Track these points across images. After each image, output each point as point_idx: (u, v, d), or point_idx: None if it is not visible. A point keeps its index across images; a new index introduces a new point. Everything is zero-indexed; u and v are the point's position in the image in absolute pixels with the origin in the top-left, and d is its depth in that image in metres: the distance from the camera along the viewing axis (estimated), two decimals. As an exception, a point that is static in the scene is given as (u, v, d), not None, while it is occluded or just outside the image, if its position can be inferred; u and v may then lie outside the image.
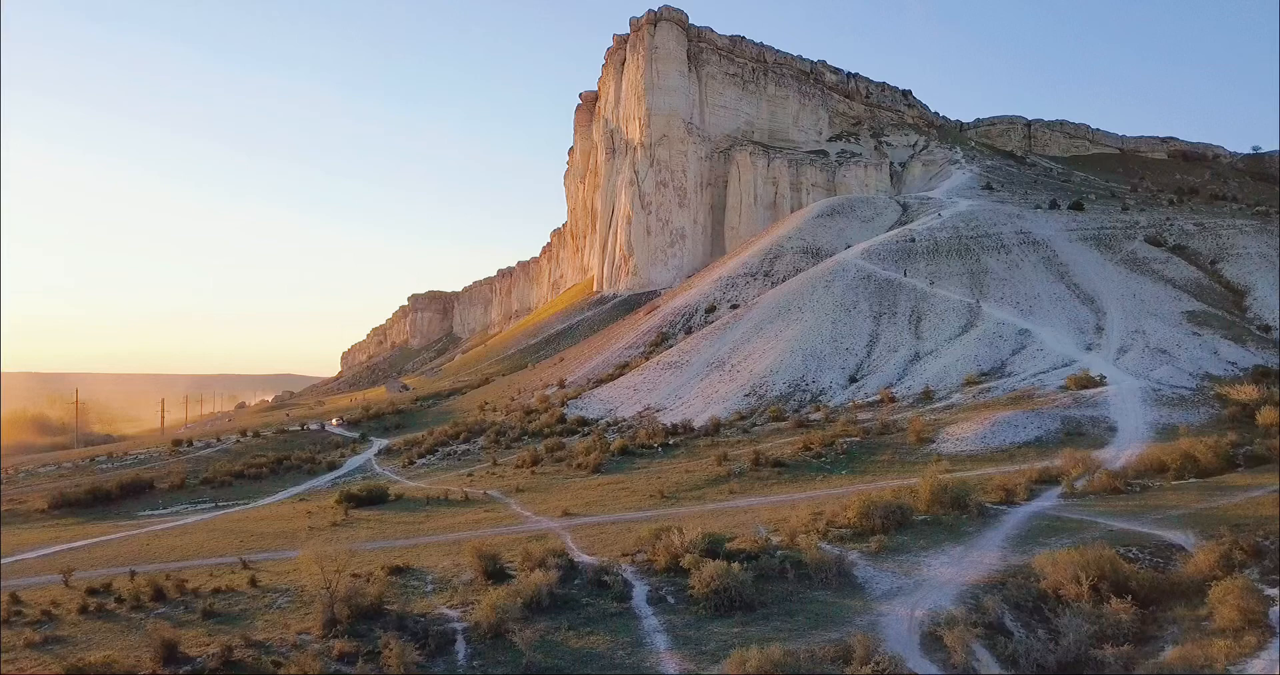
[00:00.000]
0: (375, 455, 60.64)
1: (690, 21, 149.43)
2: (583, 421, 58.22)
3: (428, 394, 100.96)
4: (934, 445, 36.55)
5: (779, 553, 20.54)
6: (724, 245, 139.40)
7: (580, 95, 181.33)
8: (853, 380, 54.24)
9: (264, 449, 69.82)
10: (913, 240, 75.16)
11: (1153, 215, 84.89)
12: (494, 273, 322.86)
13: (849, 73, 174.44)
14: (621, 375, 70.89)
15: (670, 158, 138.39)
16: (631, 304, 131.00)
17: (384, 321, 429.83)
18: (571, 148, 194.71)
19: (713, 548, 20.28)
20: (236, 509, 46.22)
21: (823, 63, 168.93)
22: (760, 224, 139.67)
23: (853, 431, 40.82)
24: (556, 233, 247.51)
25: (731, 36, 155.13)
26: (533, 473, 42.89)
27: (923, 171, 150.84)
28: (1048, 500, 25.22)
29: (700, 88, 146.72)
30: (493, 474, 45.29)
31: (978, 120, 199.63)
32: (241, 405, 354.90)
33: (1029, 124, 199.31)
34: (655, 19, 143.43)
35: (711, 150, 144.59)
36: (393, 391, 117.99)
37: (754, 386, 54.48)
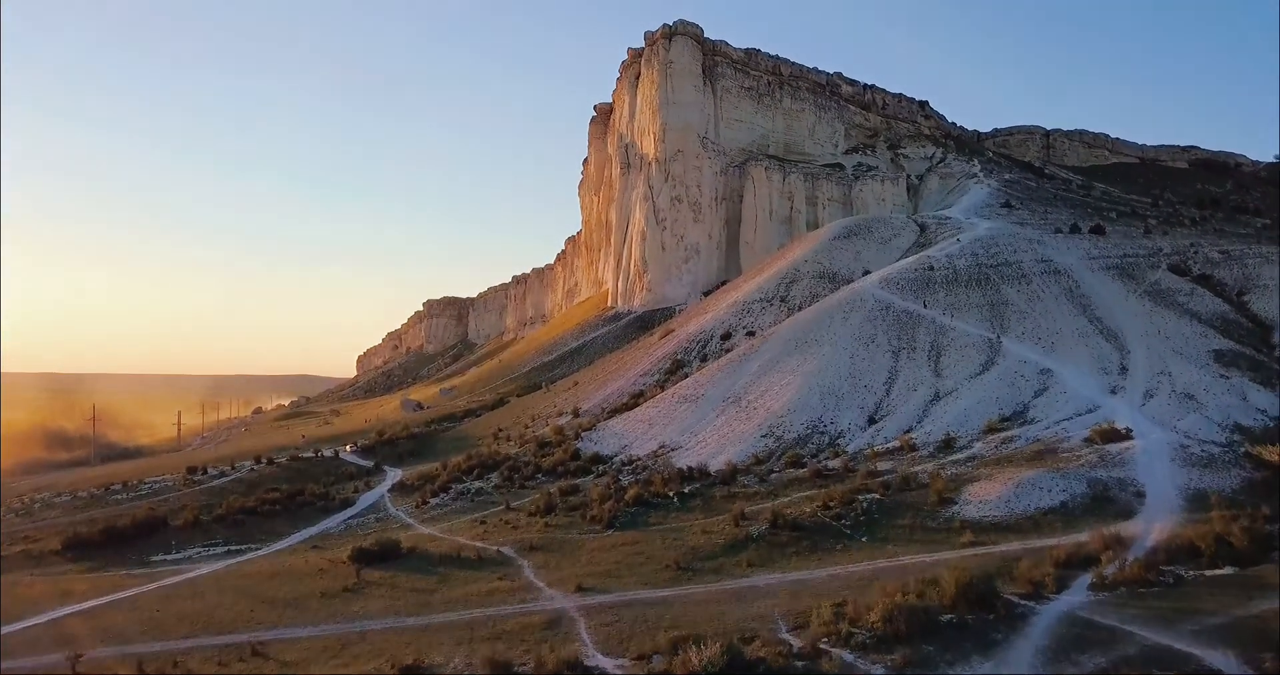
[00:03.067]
0: (389, 491, 60.31)
1: (705, 34, 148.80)
2: (597, 458, 57.73)
3: (442, 416, 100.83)
4: (956, 507, 35.76)
5: (801, 664, 19.92)
6: (739, 260, 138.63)
7: (595, 107, 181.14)
8: (871, 422, 53.43)
9: (278, 480, 69.74)
10: (931, 268, 74.18)
11: (1176, 240, 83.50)
12: (509, 279, 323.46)
13: (865, 84, 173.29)
14: (636, 406, 70.32)
15: (685, 173, 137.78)
16: (646, 321, 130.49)
17: (399, 326, 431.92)
18: (586, 159, 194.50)
19: (733, 662, 19.65)
20: (249, 555, 46.03)
21: (839, 74, 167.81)
22: (776, 238, 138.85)
23: (872, 486, 40.06)
24: (571, 240, 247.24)
25: (747, 49, 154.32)
26: (545, 525, 42.33)
27: (940, 185, 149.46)
28: (1077, 594, 24.41)
29: (715, 101, 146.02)
30: (506, 523, 44.78)
31: (995, 130, 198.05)
32: (258, 410, 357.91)
33: (1047, 134, 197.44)
34: (670, 33, 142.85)
35: (726, 164, 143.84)
36: (407, 411, 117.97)
37: (770, 427, 53.75)
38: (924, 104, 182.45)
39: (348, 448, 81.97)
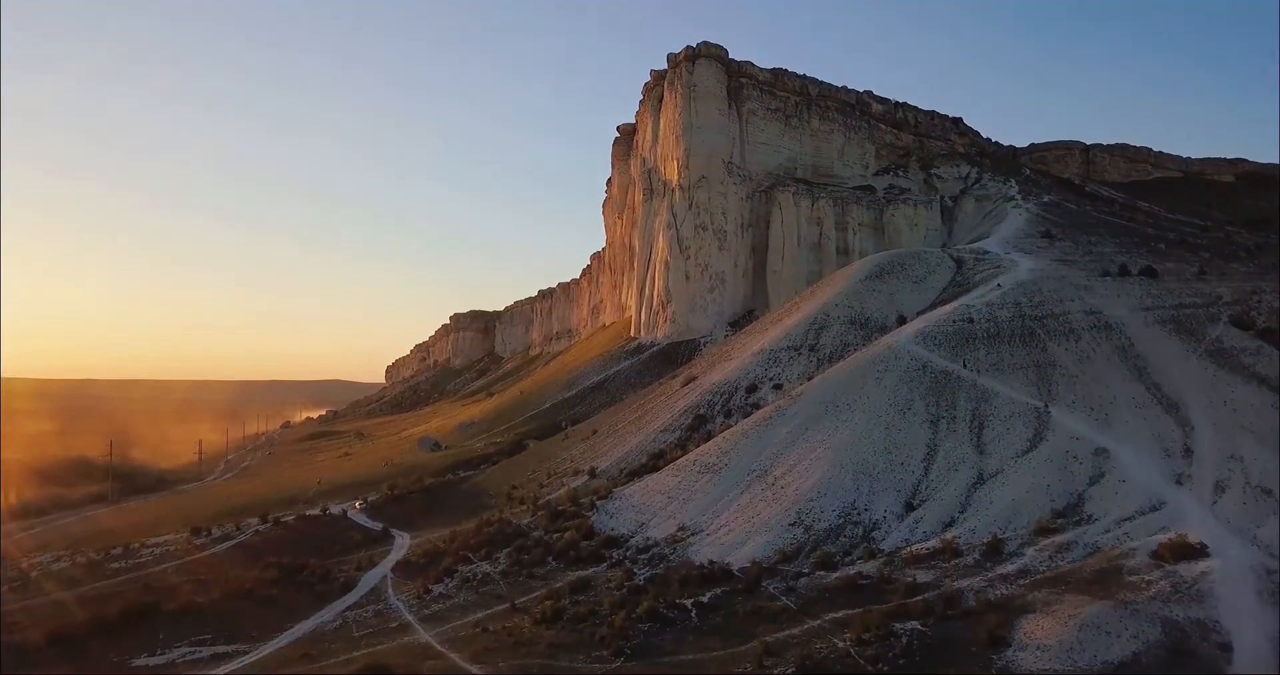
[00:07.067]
0: (391, 572, 56.87)
1: (730, 55, 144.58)
2: (611, 541, 54.03)
3: (457, 461, 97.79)
4: (1009, 651, 31.47)
5: None
6: (766, 289, 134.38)
7: (618, 128, 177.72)
8: (909, 507, 49.12)
9: (282, 546, 67.13)
10: (971, 320, 69.47)
11: (1234, 282, 77.86)
12: (534, 293, 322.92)
13: (897, 102, 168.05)
14: (655, 468, 66.66)
15: (710, 200, 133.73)
16: (669, 353, 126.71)
17: (427, 338, 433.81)
18: (609, 179, 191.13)
19: None
20: (235, 663, 42.93)
21: (869, 93, 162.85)
22: (804, 266, 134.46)
23: (912, 609, 35.89)
24: (596, 256, 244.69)
25: (773, 69, 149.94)
26: (550, 646, 38.51)
27: (975, 208, 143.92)
28: None
29: (741, 125, 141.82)
30: (508, 633, 40.92)
31: (1033, 145, 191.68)
32: (286, 425, 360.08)
33: (1087, 149, 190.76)
34: (693, 55, 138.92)
35: (753, 189, 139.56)
36: (424, 450, 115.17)
37: (799, 513, 49.61)
38: (958, 121, 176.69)
39: (356, 505, 78.94)
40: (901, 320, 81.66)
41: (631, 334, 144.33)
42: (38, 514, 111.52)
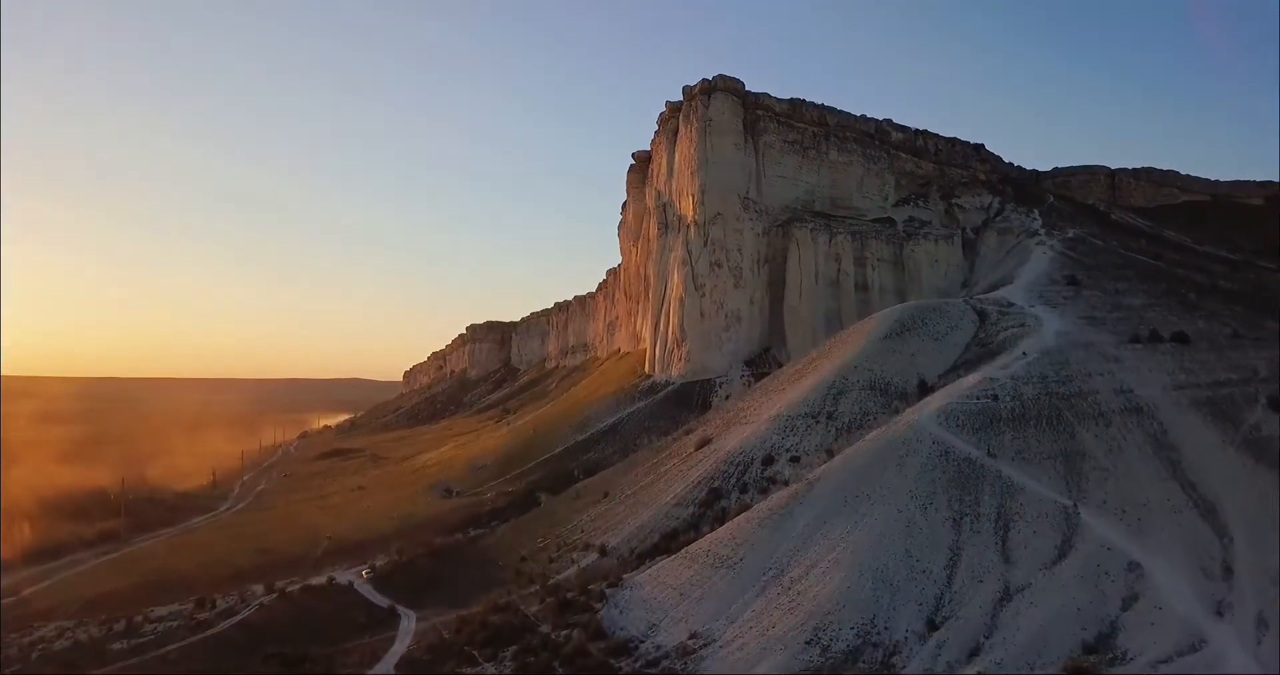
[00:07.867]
0: (395, 669, 55.40)
1: (747, 87, 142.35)
2: (620, 648, 52.33)
3: (468, 517, 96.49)
4: None
5: None
6: (782, 326, 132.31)
7: (633, 155, 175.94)
8: (931, 625, 47.01)
9: (285, 629, 66.05)
10: (995, 397, 67.06)
11: (1271, 353, 74.94)
12: (550, 305, 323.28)
13: (917, 129, 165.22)
14: (669, 551, 65.12)
15: (725, 236, 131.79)
16: (684, 394, 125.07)
17: (444, 347, 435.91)
18: (624, 204, 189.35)
19: None
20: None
21: (888, 121, 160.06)
22: (822, 303, 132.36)
23: (936, 777, 33.89)
24: (612, 272, 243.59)
25: (791, 100, 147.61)
26: None
27: (998, 242, 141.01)
28: None
29: (757, 158, 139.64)
30: (511, 776, 39.40)
31: (1056, 169, 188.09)
32: (303, 435, 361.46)
33: (1112, 174, 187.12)
34: (709, 88, 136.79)
35: (769, 224, 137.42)
36: (437, 495, 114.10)
37: (816, 629, 47.65)
38: (979, 147, 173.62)
39: (363, 573, 77.59)
40: (922, 385, 79.43)
41: (646, 370, 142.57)
42: (51, 556, 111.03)
